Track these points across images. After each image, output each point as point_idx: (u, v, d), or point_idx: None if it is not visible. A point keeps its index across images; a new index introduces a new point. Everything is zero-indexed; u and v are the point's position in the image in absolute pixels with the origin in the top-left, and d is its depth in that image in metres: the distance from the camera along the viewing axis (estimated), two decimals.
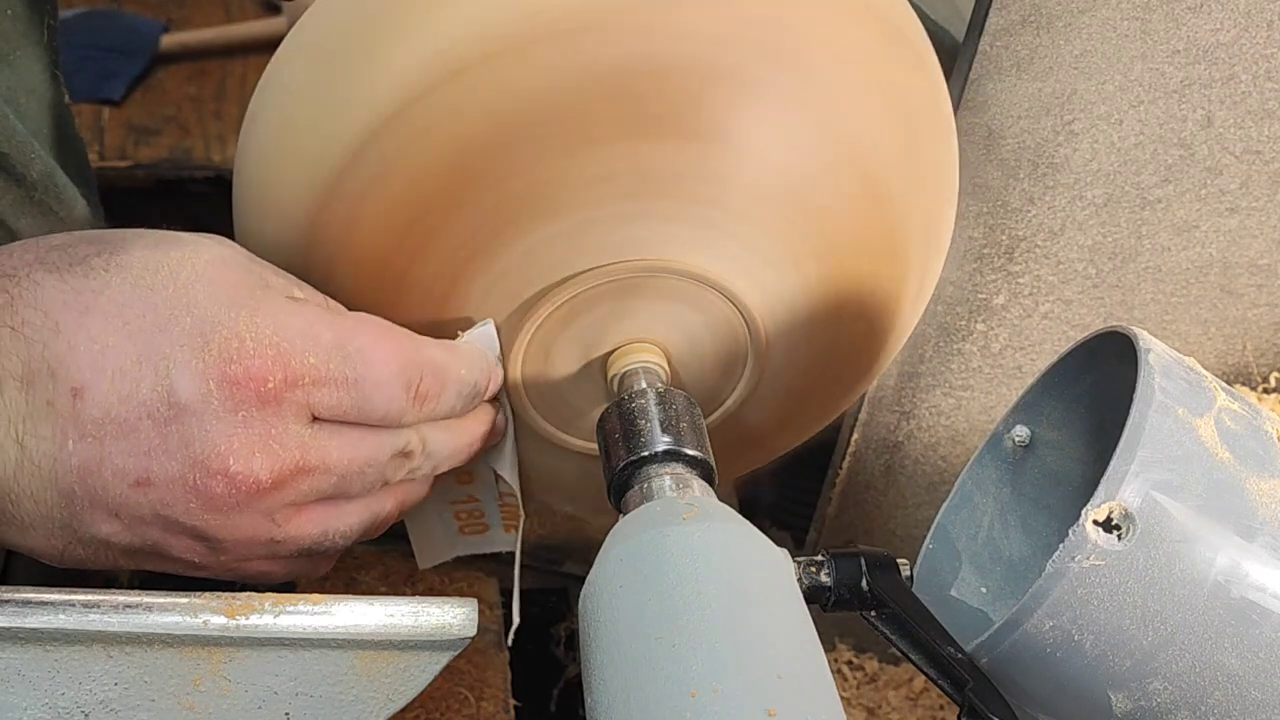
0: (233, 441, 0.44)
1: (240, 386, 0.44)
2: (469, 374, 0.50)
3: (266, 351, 0.44)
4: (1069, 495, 0.55)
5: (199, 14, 1.32)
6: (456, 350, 0.50)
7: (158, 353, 0.43)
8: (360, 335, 0.47)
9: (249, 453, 0.44)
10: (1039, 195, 0.66)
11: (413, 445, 0.49)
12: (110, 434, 0.43)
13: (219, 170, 1.10)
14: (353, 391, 0.46)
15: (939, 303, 0.69)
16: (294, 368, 0.45)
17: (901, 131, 0.53)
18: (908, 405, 0.73)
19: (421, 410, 0.49)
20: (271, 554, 0.48)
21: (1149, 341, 0.46)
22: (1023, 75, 0.61)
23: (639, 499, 0.48)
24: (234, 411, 0.44)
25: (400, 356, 0.47)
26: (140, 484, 0.44)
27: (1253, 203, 0.67)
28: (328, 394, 0.46)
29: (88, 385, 0.43)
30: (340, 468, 0.47)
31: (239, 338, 0.44)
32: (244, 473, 0.44)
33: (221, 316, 0.44)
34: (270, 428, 0.45)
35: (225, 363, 0.44)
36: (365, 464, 0.48)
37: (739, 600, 0.40)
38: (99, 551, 0.46)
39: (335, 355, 0.46)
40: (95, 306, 0.43)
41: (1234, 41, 0.62)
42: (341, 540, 0.49)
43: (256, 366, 0.44)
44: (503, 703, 0.74)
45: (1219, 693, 0.43)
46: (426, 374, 0.48)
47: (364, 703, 0.47)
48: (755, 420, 0.60)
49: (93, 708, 0.45)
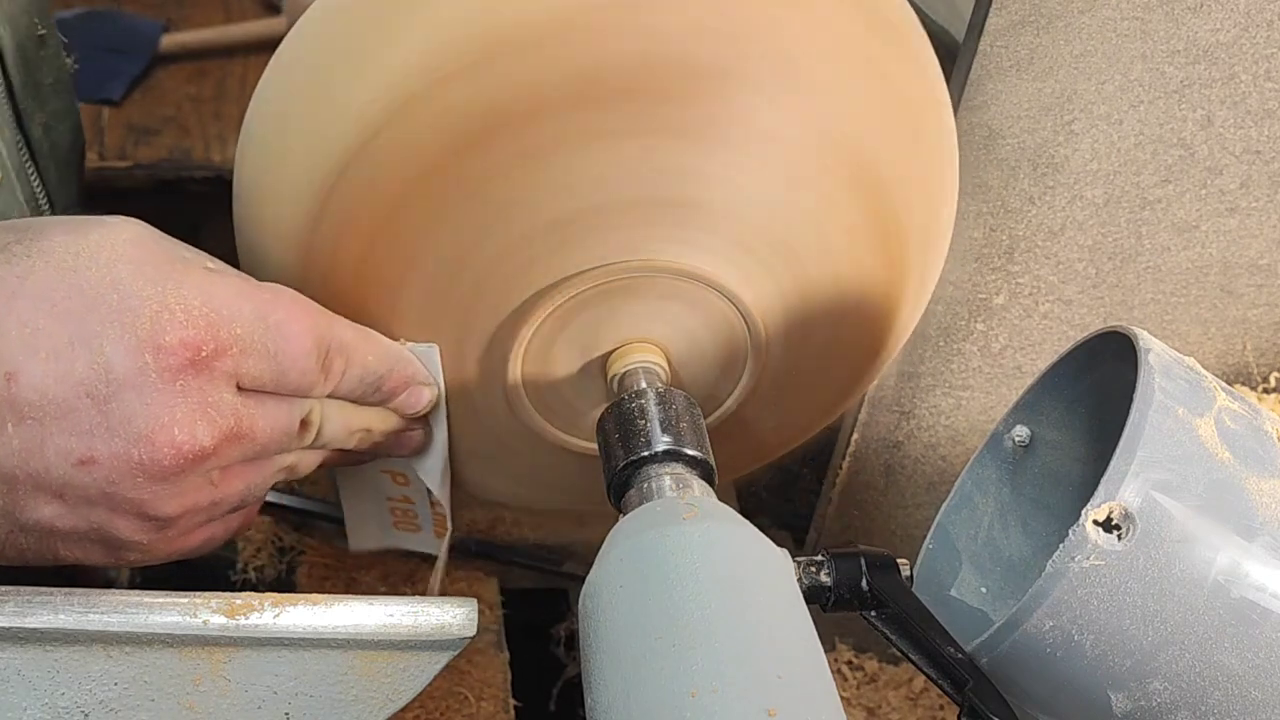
0: (175, 412, 0.44)
1: (174, 355, 0.44)
2: (375, 363, 0.52)
3: (198, 321, 0.45)
4: (1069, 495, 0.55)
5: (199, 14, 1.32)
6: (369, 336, 0.52)
7: (89, 331, 0.43)
8: (279, 308, 0.48)
9: (192, 421, 0.45)
10: (1039, 195, 0.66)
11: (313, 416, 0.51)
12: (50, 414, 0.43)
13: (219, 170, 1.09)
14: (272, 362, 0.47)
15: (939, 303, 0.69)
16: (223, 337, 0.46)
17: (900, 131, 0.53)
18: (908, 405, 0.73)
19: (327, 383, 0.51)
20: (210, 517, 0.49)
21: (1149, 341, 0.46)
22: (1023, 75, 0.61)
23: (639, 499, 0.48)
24: (172, 381, 0.44)
25: (314, 331, 0.49)
26: (84, 462, 0.44)
27: (1253, 203, 0.67)
28: (252, 364, 0.47)
29: (21, 369, 0.43)
30: (265, 436, 0.48)
31: (168, 309, 0.45)
32: (189, 441, 0.45)
33: (147, 291, 0.45)
34: (206, 395, 0.45)
35: (158, 333, 0.44)
36: (283, 432, 0.49)
37: (739, 600, 0.40)
38: (41, 541, 0.46)
39: (258, 326, 0.47)
40: (21, 291, 0.43)
41: (1234, 41, 0.62)
42: (260, 493, 0.51)
43: (190, 336, 0.45)
44: (503, 703, 0.74)
45: (1219, 693, 0.43)
46: (335, 349, 0.50)
47: (364, 703, 0.47)
48: (755, 420, 0.60)
49: (93, 708, 0.45)
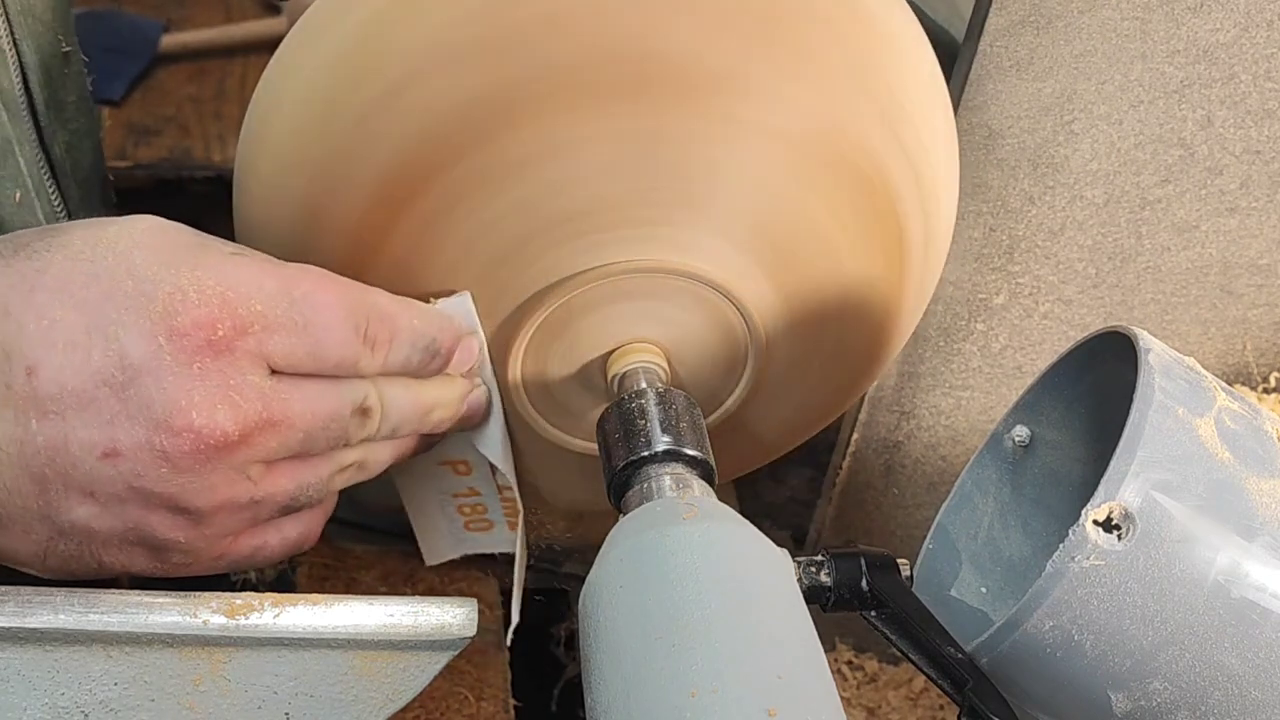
0: (192, 395, 0.43)
1: (189, 337, 0.43)
2: (422, 325, 0.50)
3: (211, 300, 0.44)
4: (1069, 495, 0.55)
5: (199, 14, 1.32)
6: (408, 302, 0.50)
7: (105, 319, 0.43)
8: (305, 281, 0.46)
9: (210, 405, 0.44)
10: (1039, 195, 0.66)
11: (370, 400, 0.49)
12: (70, 407, 0.43)
13: (219, 170, 1.09)
14: (304, 337, 0.46)
15: (939, 303, 0.69)
16: (241, 315, 0.44)
17: (900, 131, 0.53)
18: (908, 405, 0.73)
19: (374, 357, 0.48)
20: (254, 518, 0.48)
21: (1149, 341, 0.46)
22: (1023, 75, 0.61)
23: (639, 499, 0.48)
24: (188, 364, 0.43)
25: (346, 300, 0.47)
26: (108, 455, 0.43)
27: (1253, 203, 0.67)
28: (280, 341, 0.45)
29: (40, 362, 0.42)
30: (304, 422, 0.46)
31: (181, 291, 0.44)
32: (208, 426, 0.44)
33: (162, 275, 0.44)
34: (228, 378, 0.44)
35: (171, 316, 0.43)
36: (329, 418, 0.47)
37: (739, 600, 0.40)
38: (82, 547, 0.46)
39: (281, 300, 0.45)
40: (40, 284, 0.43)
41: (1234, 41, 0.62)
42: (316, 494, 0.49)
43: (203, 315, 0.44)
44: (503, 703, 0.74)
45: (1219, 693, 0.43)
46: (373, 318, 0.48)
47: (364, 703, 0.47)
48: (755, 420, 0.60)
49: (93, 708, 0.45)
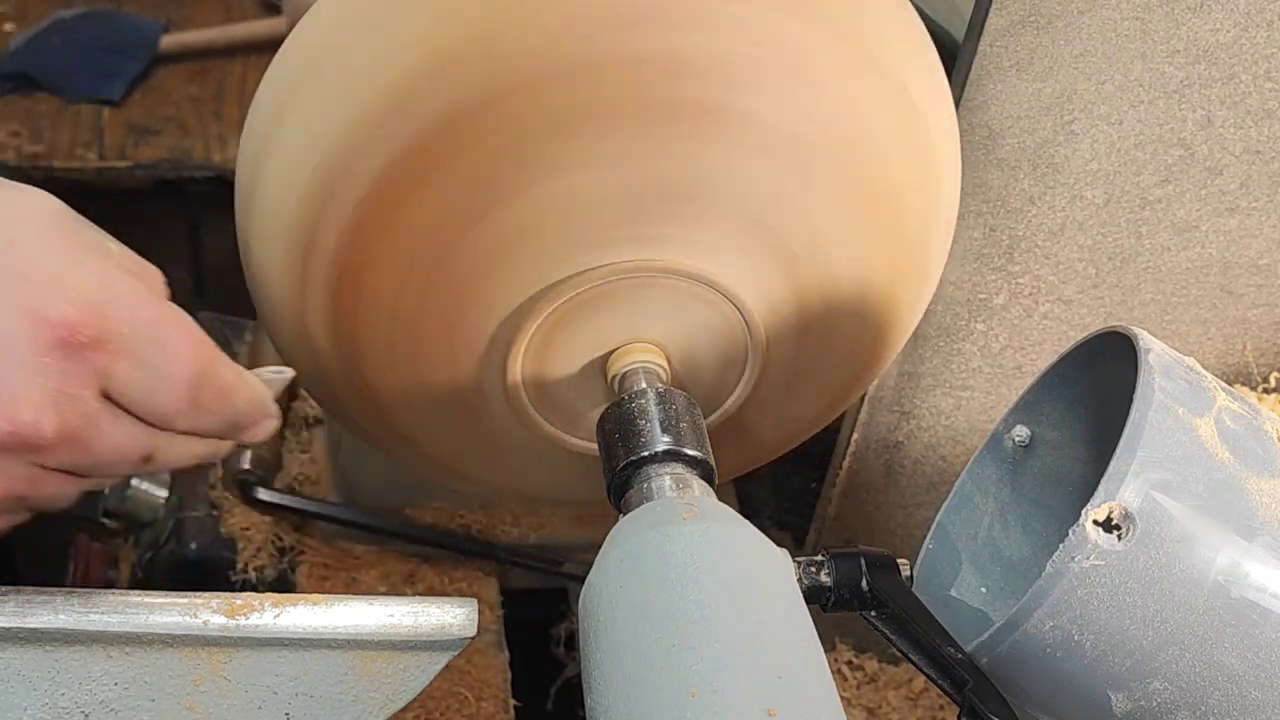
0: (30, 389, 0.42)
1: (52, 330, 0.42)
2: (244, 404, 0.49)
3: (88, 305, 0.43)
4: (1069, 495, 0.55)
5: (199, 14, 1.32)
6: (247, 380, 0.49)
7: None
8: (175, 329, 0.45)
9: (41, 405, 0.42)
10: (1039, 195, 0.66)
11: (158, 451, 0.47)
12: None
13: (219, 170, 1.10)
14: (148, 377, 0.45)
15: (939, 303, 0.69)
16: (106, 330, 0.43)
17: (901, 131, 0.53)
18: (908, 405, 0.73)
19: (190, 419, 0.47)
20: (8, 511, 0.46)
21: (1149, 341, 0.46)
22: (1023, 75, 0.61)
23: (639, 499, 0.48)
24: (37, 355, 0.42)
25: (200, 360, 0.46)
26: None
27: (1253, 203, 0.67)
28: (126, 369, 0.44)
29: None
30: (103, 453, 0.45)
31: (61, 282, 0.43)
32: (31, 424, 0.42)
33: (45, 259, 0.43)
34: (65, 383, 0.43)
35: (40, 301, 0.42)
36: (121, 457, 0.46)
37: (739, 600, 0.40)
38: None
39: (146, 335, 0.44)
40: None
41: (1234, 41, 0.62)
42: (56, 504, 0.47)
43: (72, 314, 0.42)
44: (502, 703, 0.74)
45: (1219, 693, 0.43)
46: (212, 387, 0.47)
47: (364, 703, 0.47)
48: (755, 420, 0.60)
49: (93, 708, 0.45)
